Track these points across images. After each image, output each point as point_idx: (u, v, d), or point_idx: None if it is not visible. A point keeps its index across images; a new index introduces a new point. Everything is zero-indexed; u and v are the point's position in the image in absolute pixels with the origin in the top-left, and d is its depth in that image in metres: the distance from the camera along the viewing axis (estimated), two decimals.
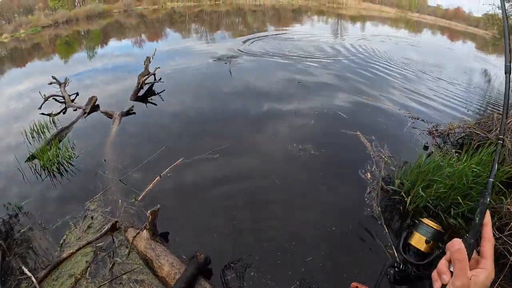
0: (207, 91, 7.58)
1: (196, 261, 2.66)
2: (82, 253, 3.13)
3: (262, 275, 2.92)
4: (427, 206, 3.71)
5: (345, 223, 3.61)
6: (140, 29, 18.75)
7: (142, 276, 2.90)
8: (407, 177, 4.05)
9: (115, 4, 25.67)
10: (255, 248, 3.21)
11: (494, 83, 10.73)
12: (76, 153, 4.82)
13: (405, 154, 4.78)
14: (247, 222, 3.58)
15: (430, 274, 0.79)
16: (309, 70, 9.33)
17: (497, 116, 5.63)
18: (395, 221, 3.75)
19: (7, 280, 2.93)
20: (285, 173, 4.44)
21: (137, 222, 3.46)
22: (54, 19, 20.40)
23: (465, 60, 14.09)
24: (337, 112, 6.36)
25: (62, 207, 3.75)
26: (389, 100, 7.36)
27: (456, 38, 23.28)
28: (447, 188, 3.65)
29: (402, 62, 11.28)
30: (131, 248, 3.11)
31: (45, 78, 7.72)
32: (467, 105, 7.71)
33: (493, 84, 10.72)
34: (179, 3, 28.66)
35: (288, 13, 27.13)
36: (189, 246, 3.13)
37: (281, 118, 6.05)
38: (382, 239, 3.39)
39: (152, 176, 4.16)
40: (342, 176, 4.48)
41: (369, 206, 3.83)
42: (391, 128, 5.99)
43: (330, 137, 5.48)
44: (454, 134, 5.76)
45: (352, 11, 29.72)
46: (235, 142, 5.14)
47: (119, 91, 7.64)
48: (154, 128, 5.74)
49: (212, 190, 4.05)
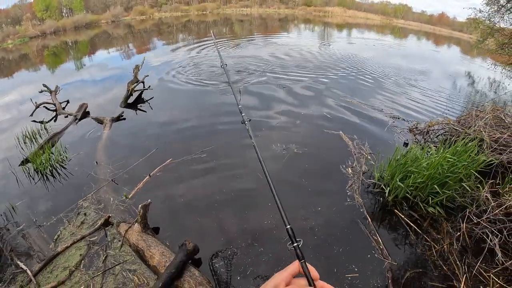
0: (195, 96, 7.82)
1: (185, 248, 2.82)
2: (76, 247, 3.26)
3: (248, 262, 3.09)
4: (407, 197, 3.94)
5: (328, 213, 3.82)
6: (128, 40, 18.87)
7: (134, 266, 3.05)
8: (386, 170, 4.30)
9: (103, 14, 25.85)
10: (241, 238, 3.38)
11: (477, 85, 11.18)
12: (68, 157, 4.96)
13: (385, 150, 5.02)
14: (233, 215, 3.77)
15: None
16: (294, 75, 9.67)
17: (475, 113, 5.96)
18: (377, 211, 3.96)
19: (3, 275, 3.03)
20: (268, 169, 4.59)
21: (128, 218, 3.61)
22: (41, 29, 20.48)
23: (450, 63, 14.60)
24: (321, 114, 6.64)
25: (56, 206, 3.87)
26: (372, 102, 7.68)
27: (441, 42, 23.98)
28: (424, 178, 3.86)
29: (386, 67, 11.72)
30: (123, 241, 3.26)
31: (32, 88, 7.89)
32: (450, 106, 8.04)
33: (476, 85, 11.16)
34: (166, 14, 29.01)
35: (275, 22, 27.63)
36: (178, 238, 3.26)
37: (265, 121, 6.28)
38: (366, 227, 3.61)
39: (142, 176, 4.35)
40: (324, 172, 4.67)
41: (350, 197, 4.06)
42: (373, 127, 6.26)
43: (313, 137, 5.71)
44: (434, 131, 6.02)
45: (338, 19, 30.39)
46: (220, 143, 5.34)
47: (108, 99, 7.82)
48: (144, 132, 5.90)
49: (199, 187, 4.24)
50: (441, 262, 3.21)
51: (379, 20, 32.06)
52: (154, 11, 28.61)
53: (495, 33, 11.00)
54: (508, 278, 3.02)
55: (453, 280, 3.01)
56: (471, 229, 3.48)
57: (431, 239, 3.49)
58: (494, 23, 11.04)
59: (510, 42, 10.13)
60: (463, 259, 3.23)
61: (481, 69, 13.34)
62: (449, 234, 3.55)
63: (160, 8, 29.47)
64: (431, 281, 3.02)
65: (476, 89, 10.53)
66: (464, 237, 3.43)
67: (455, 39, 26.00)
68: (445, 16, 35.15)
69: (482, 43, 12.12)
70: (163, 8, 29.59)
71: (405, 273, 3.09)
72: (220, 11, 31.04)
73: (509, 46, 10.44)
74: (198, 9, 30.19)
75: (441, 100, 8.43)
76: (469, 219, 3.52)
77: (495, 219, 3.44)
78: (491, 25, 11.00)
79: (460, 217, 3.63)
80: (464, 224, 3.49)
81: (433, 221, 3.75)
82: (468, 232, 3.47)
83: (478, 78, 12.09)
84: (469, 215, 3.54)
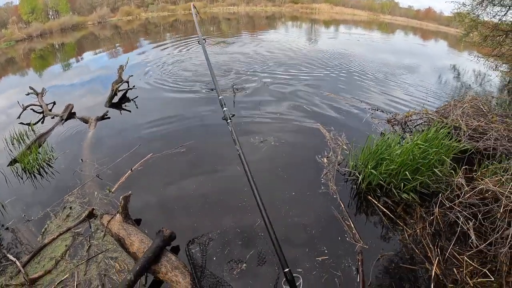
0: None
1: (162, 235, 2.99)
2: (62, 238, 3.43)
3: (223, 247, 3.29)
4: (381, 184, 4.11)
5: (302, 200, 4.02)
6: (115, 41, 18.83)
7: (115, 254, 3.23)
8: (360, 158, 4.48)
9: (89, 16, 25.69)
10: (217, 226, 3.57)
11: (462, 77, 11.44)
12: (55, 156, 5.10)
13: (361, 141, 5.10)
14: (211, 204, 3.96)
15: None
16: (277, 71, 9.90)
17: (454, 103, 6.16)
18: (351, 198, 4.15)
19: None
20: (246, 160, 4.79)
21: (111, 210, 3.79)
22: (28, 32, 20.31)
23: (437, 57, 14.84)
24: (302, 108, 6.83)
25: (43, 202, 4.01)
26: (353, 95, 7.88)
27: (429, 37, 24.23)
28: (397, 165, 4.03)
29: (371, 61, 11.94)
30: (106, 231, 3.43)
31: (19, 92, 7.96)
32: (433, 98, 8.25)
33: (461, 78, 11.43)
34: (153, 14, 28.96)
35: (262, 20, 27.75)
36: (158, 227, 3.37)
37: (244, 114, 6.47)
38: (339, 213, 3.79)
39: (125, 170, 4.54)
40: (300, 162, 4.85)
41: (325, 185, 4.25)
42: (352, 119, 6.45)
43: (292, 130, 5.87)
44: (412, 121, 6.21)
45: (325, 15, 30.60)
46: (201, 138, 5.52)
47: (93, 100, 7.91)
48: (127, 130, 6.05)
49: (178, 179, 4.44)
50: (413, 246, 3.34)
51: (366, 16, 32.31)
52: (141, 11, 28.55)
53: (478, 25, 11.23)
54: (483, 260, 3.12)
55: (425, 263, 3.15)
56: (444, 213, 3.62)
57: (404, 224, 3.63)
58: (478, 15, 11.29)
59: (492, 34, 10.37)
60: (436, 243, 3.35)
61: (467, 62, 13.59)
62: (423, 219, 3.69)
63: (146, 8, 29.43)
64: (403, 263, 3.17)
65: (461, 82, 10.76)
66: (437, 221, 3.56)
67: (442, 34, 26.29)
68: (432, 11, 35.44)
69: (466, 36, 12.34)
70: (150, 8, 29.55)
71: (376, 255, 3.24)
72: (207, 10, 31.05)
73: (492, 38, 10.69)
74: (185, 8, 30.13)
75: (424, 92, 8.61)
76: (443, 204, 3.64)
77: (470, 204, 3.57)
78: (474, 18, 11.23)
79: (434, 202, 3.73)
80: (437, 209, 3.61)
81: (407, 207, 3.91)
82: (442, 217, 3.60)
83: (464, 70, 12.33)
84: (442, 199, 3.67)
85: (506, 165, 3.95)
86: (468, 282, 2.95)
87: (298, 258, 3.19)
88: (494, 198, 3.53)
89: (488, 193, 3.58)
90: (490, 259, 3.13)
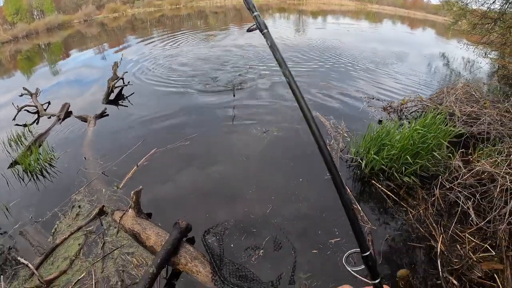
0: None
1: (178, 226, 3.04)
2: (74, 237, 3.43)
3: (239, 235, 3.36)
4: (383, 169, 4.25)
5: (309, 186, 4.14)
6: (102, 38, 18.45)
7: (132, 249, 3.25)
8: (361, 145, 4.60)
9: (75, 14, 25.05)
10: (230, 215, 3.64)
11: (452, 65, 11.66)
12: (56, 155, 5.05)
13: (361, 128, 5.32)
14: (221, 194, 4.04)
15: None
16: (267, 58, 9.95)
17: (447, 90, 6.32)
18: (355, 183, 4.30)
19: (4, 272, 3.13)
20: (251, 152, 4.93)
21: (122, 206, 3.79)
22: (13, 34, 19.67)
23: (425, 45, 15.02)
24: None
25: (49, 202, 3.98)
26: (347, 85, 8.00)
27: (416, 26, 24.47)
28: (398, 150, 4.17)
29: (362, 51, 12.04)
30: (119, 227, 3.44)
31: (10, 95, 7.76)
32: (424, 85, 8.40)
33: (450, 65, 11.64)
34: (139, 10, 28.45)
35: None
36: (171, 221, 3.39)
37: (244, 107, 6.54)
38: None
39: (130, 166, 4.54)
40: (303, 151, 4.94)
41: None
42: (349, 108, 6.59)
43: (292, 121, 5.95)
44: (407, 108, 6.36)
45: (312, 6, 30.58)
46: (203, 130, 5.57)
47: (88, 98, 7.84)
48: (128, 126, 6.02)
49: (185, 173, 4.48)
50: (418, 225, 3.51)
51: (354, 6, 32.37)
52: (127, 8, 27.92)
53: (467, 14, 11.37)
54: (483, 237, 3.30)
55: (430, 241, 3.31)
56: (444, 194, 3.79)
57: (408, 205, 3.80)
58: (466, 4, 11.43)
59: (481, 22, 10.52)
60: (439, 222, 3.52)
61: (456, 50, 13.79)
62: (425, 200, 3.86)
63: (132, 5, 28.78)
64: (410, 242, 3.33)
65: (450, 69, 10.99)
66: (438, 202, 3.73)
67: (430, 22, 26.47)
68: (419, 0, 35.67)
69: (455, 25, 12.47)
70: (136, 4, 28.90)
71: (385, 235, 3.40)
72: (194, 4, 30.58)
73: (481, 26, 10.83)
74: (171, 3, 29.64)
75: (415, 80, 8.78)
76: (443, 185, 3.82)
77: (468, 184, 3.74)
78: (463, 7, 11.37)
79: (434, 184, 3.89)
80: (437, 190, 3.79)
81: (409, 189, 4.08)
82: (442, 198, 3.77)
83: (453, 58, 12.55)
84: (442, 181, 3.84)
85: (500, 148, 4.12)
86: (472, 257, 3.10)
87: (311, 240, 3.33)
88: (490, 178, 3.71)
89: (485, 174, 3.76)
90: (490, 236, 3.30)
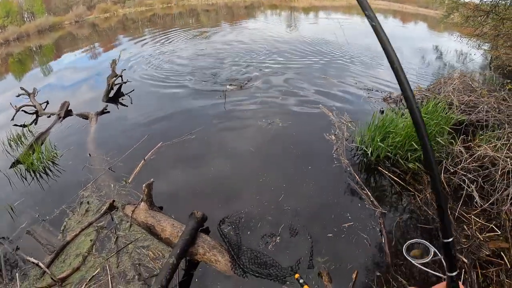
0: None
1: (195, 217, 3.03)
2: (85, 234, 3.37)
3: (254, 223, 3.38)
4: (388, 156, 4.35)
5: (319, 174, 4.20)
6: (93, 39, 18.19)
7: (146, 242, 3.22)
8: (366, 133, 4.67)
9: (66, 15, 24.62)
10: (243, 205, 3.65)
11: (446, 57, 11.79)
12: (59, 153, 4.97)
13: (363, 118, 5.39)
14: (232, 185, 4.06)
15: None
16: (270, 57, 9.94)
17: (444, 80, 6.44)
18: (363, 170, 4.37)
19: (13, 273, 3.07)
20: (258, 142, 4.96)
21: (132, 200, 3.76)
22: (4, 37, 19.21)
23: (418, 39, 15.15)
24: (300, 92, 6.96)
25: (55, 200, 3.93)
26: (346, 78, 8.05)
27: (408, 20, 24.64)
28: (402, 137, 4.25)
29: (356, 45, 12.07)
30: (131, 221, 3.41)
31: (5, 98, 7.60)
32: (420, 77, 8.47)
33: (444, 57, 11.77)
34: (131, 9, 28.11)
35: (241, 10, 27.47)
36: (183, 213, 3.41)
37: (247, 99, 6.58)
38: (355, 183, 4.00)
39: (137, 161, 4.50)
40: (309, 140, 5.03)
41: (337, 160, 4.44)
42: (350, 99, 6.65)
43: (295, 112, 6.02)
44: None
45: (304, 2, 30.52)
46: (208, 124, 5.58)
47: (85, 97, 7.71)
48: (130, 122, 5.98)
49: (192, 164, 4.49)
50: (425, 208, 3.62)
51: (346, 1, 32.39)
52: (118, 8, 27.54)
53: (459, 7, 11.49)
54: (488, 218, 3.44)
55: (439, 222, 3.41)
56: (449, 178, 3.91)
57: (415, 190, 3.91)
58: None
59: (473, 14, 10.63)
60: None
61: (448, 42, 13.94)
62: (430, 184, 3.96)
63: (123, 5, 28.42)
64: (419, 224, 3.44)
65: (444, 61, 11.12)
66: (443, 186, 3.83)
67: (421, 16, 26.68)
68: None
69: (448, 18, 12.60)
70: (127, 4, 28.56)
71: (395, 219, 3.49)
72: (185, 2, 30.24)
73: (473, 19, 10.96)
74: (162, 2, 29.28)
75: (411, 73, 8.77)
76: (447, 170, 3.95)
77: (470, 169, 3.87)
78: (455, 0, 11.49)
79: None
80: (442, 174, 3.92)
81: (414, 175, 4.18)
82: (447, 182, 3.90)
83: (446, 51, 12.68)
84: (446, 166, 3.98)
85: (499, 133, 4.26)
86: (478, 237, 3.24)
87: (326, 225, 3.38)
88: (492, 162, 3.86)
89: (486, 159, 3.90)
90: (494, 217, 3.45)
